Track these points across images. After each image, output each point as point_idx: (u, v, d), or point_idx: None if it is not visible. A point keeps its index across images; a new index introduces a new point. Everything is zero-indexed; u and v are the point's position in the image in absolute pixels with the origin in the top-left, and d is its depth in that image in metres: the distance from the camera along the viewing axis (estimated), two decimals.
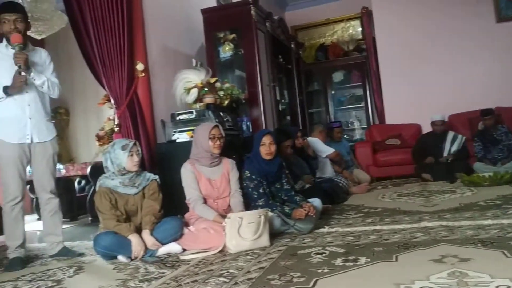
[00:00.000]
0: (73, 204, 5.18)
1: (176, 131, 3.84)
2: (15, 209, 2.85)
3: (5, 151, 2.83)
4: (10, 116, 2.84)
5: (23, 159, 2.88)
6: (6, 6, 2.85)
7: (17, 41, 2.75)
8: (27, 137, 2.88)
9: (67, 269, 2.65)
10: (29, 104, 2.88)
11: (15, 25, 2.80)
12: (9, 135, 2.83)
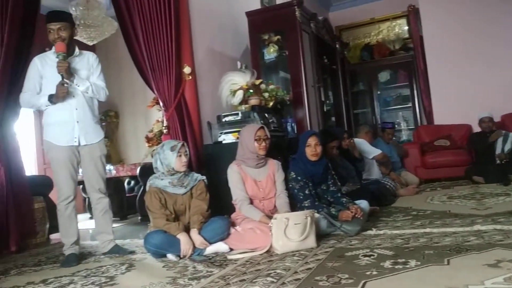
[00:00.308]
0: (123, 204, 5.36)
1: (222, 132, 3.90)
2: (68, 208, 2.99)
3: (56, 153, 2.96)
4: (59, 120, 2.97)
5: (73, 160, 3.01)
6: (50, 16, 2.97)
7: (60, 50, 2.86)
8: (75, 140, 2.99)
9: (119, 266, 2.75)
10: (76, 108, 2.99)
11: (59, 33, 2.91)
12: (58, 138, 2.96)
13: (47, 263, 3.06)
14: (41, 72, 2.96)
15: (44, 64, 2.97)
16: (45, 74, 2.95)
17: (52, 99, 2.90)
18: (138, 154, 6.88)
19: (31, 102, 2.99)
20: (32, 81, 2.97)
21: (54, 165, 2.98)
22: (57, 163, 2.96)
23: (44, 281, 2.51)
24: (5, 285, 2.51)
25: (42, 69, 2.96)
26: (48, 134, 2.98)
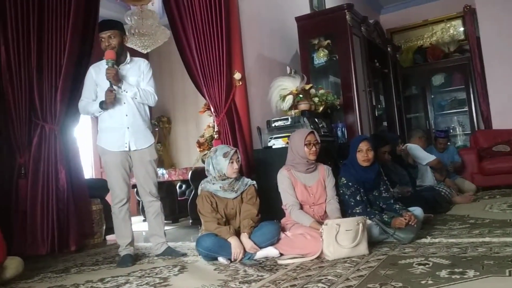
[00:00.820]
0: (175, 207, 5.48)
1: (272, 137, 3.92)
2: (122, 211, 3.10)
3: (109, 157, 3.08)
4: (111, 126, 3.09)
5: (125, 164, 3.11)
6: (101, 25, 3.12)
7: (109, 57, 2.97)
8: (125, 145, 3.09)
9: (172, 267, 2.81)
10: (126, 114, 3.09)
11: (109, 41, 3.03)
12: (110, 144, 3.08)
13: (104, 263, 3.19)
14: (96, 80, 3.10)
15: (98, 73, 3.10)
16: (99, 82, 3.09)
17: (102, 106, 3.03)
18: (189, 159, 7.03)
19: (86, 109, 3.14)
20: (88, 89, 3.12)
21: (107, 169, 3.11)
22: (110, 167, 3.08)
23: (101, 280, 2.62)
24: (66, 283, 2.64)
25: (96, 77, 3.10)
26: (101, 140, 3.11)
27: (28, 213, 3.46)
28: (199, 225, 4.18)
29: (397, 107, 6.50)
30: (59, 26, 3.69)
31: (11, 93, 3.51)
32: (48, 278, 2.84)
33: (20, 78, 3.54)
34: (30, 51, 3.60)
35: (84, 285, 2.54)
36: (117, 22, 3.18)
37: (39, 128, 3.61)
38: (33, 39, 3.60)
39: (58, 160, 3.62)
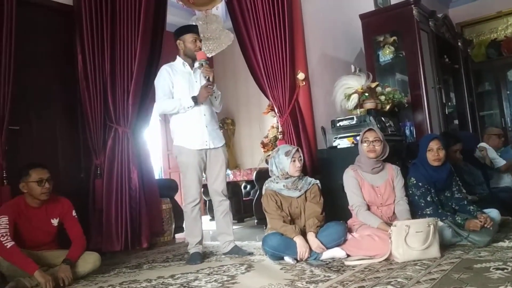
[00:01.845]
0: (240, 207, 5.56)
1: (337, 137, 3.87)
2: (194, 210, 3.20)
3: (187, 157, 3.18)
4: (192, 125, 3.19)
5: (201, 164, 3.21)
6: (192, 27, 3.33)
7: (203, 57, 3.15)
8: (206, 143, 3.19)
9: (239, 266, 2.86)
10: (204, 114, 3.21)
11: (196, 44, 3.19)
12: (192, 142, 3.18)
13: (174, 260, 3.30)
14: (172, 78, 3.21)
15: (174, 72, 3.23)
16: (174, 81, 3.21)
17: (195, 100, 3.13)
18: (253, 160, 7.11)
19: (171, 106, 3.17)
20: (167, 86, 3.21)
21: (184, 168, 3.20)
22: (187, 166, 3.18)
23: (172, 276, 2.72)
24: (139, 278, 2.77)
25: (172, 76, 3.21)
26: (180, 139, 3.21)
27: (104, 212, 3.67)
28: (264, 225, 4.22)
29: (469, 104, 6.17)
30: (130, 35, 3.88)
31: (87, 99, 3.74)
32: (123, 273, 2.99)
33: (95, 84, 3.77)
34: (104, 59, 3.82)
35: (156, 281, 2.64)
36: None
37: (113, 131, 3.82)
38: (107, 48, 3.82)
39: (130, 161, 3.81)
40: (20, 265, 2.63)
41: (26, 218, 2.87)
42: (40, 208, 2.93)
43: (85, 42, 3.74)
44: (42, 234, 2.94)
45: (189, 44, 3.23)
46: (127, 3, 3.88)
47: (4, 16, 3.20)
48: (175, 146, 3.25)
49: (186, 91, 3.18)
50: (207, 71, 3.12)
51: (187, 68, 3.27)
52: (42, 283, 2.56)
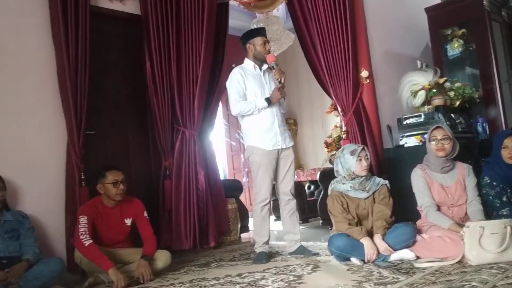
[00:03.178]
0: (305, 207, 5.55)
1: (404, 135, 3.76)
2: (263, 210, 3.24)
3: (259, 157, 3.23)
4: (266, 126, 3.24)
5: (273, 165, 3.25)
6: (261, 30, 3.41)
7: (273, 60, 3.22)
8: (278, 144, 3.24)
9: (305, 266, 2.86)
10: (277, 115, 3.27)
11: (266, 47, 3.28)
12: (265, 143, 3.23)
13: (240, 259, 3.37)
14: (244, 81, 3.28)
15: (245, 75, 3.30)
16: (246, 83, 3.28)
17: (268, 102, 3.19)
18: (316, 160, 7.08)
19: (247, 107, 3.21)
20: (241, 88, 3.26)
21: (256, 168, 3.25)
22: (259, 166, 3.23)
23: (239, 275, 2.77)
24: (207, 276, 2.85)
25: (245, 78, 3.28)
26: (254, 140, 3.26)
27: (173, 211, 3.81)
28: (329, 225, 4.19)
29: None
30: (194, 41, 4.01)
31: (156, 103, 3.90)
32: (192, 271, 3.09)
33: (163, 89, 3.92)
34: (170, 65, 3.97)
35: (224, 279, 2.71)
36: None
37: (180, 134, 3.95)
38: (173, 54, 3.97)
39: (197, 163, 3.93)
40: (97, 262, 2.80)
41: (102, 218, 3.05)
42: (115, 208, 3.11)
43: (153, 49, 3.90)
44: (117, 233, 3.12)
45: (259, 47, 3.28)
46: (191, 10, 4.01)
47: (80, 28, 3.42)
48: (248, 146, 3.31)
49: (258, 92, 3.25)
50: (279, 73, 3.18)
51: (257, 71, 3.34)
52: (115, 281, 2.71)
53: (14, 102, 3.23)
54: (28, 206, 3.12)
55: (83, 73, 3.41)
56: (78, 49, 3.39)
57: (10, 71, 3.24)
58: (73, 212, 3.21)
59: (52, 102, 3.38)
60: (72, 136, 3.33)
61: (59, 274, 2.77)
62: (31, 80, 3.33)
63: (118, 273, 2.75)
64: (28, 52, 3.34)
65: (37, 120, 3.33)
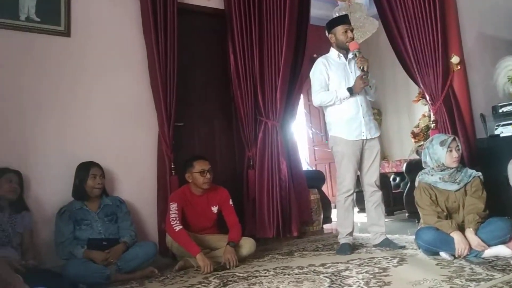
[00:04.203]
0: (390, 200, 5.40)
1: (499, 124, 3.51)
2: (347, 201, 3.22)
3: (343, 148, 3.20)
4: (349, 116, 3.20)
5: (357, 155, 3.20)
6: (343, 18, 3.36)
7: (356, 47, 3.15)
8: (362, 134, 3.19)
9: (390, 259, 2.80)
10: (361, 104, 3.21)
11: (351, 34, 3.23)
12: (349, 133, 3.19)
13: (323, 250, 3.37)
14: (328, 71, 3.26)
15: (329, 64, 3.28)
16: (330, 73, 3.26)
17: (350, 92, 3.15)
18: (402, 151, 6.83)
19: (328, 98, 3.21)
20: (323, 79, 3.26)
21: (339, 159, 3.24)
22: (342, 157, 3.21)
23: (323, 265, 2.78)
24: (291, 264, 2.89)
25: (328, 68, 3.26)
26: (337, 130, 3.24)
27: (256, 200, 3.90)
28: (416, 218, 4.05)
29: None
30: (276, 33, 4.05)
31: (239, 95, 4.00)
32: (276, 259, 3.15)
33: (246, 82, 4.01)
34: (253, 57, 4.04)
35: (307, 268, 2.73)
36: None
37: (263, 125, 4.02)
38: (255, 47, 4.03)
39: (279, 153, 3.98)
40: (186, 246, 2.96)
41: (191, 205, 3.21)
42: (202, 196, 3.25)
43: (236, 42, 4.00)
44: (205, 220, 3.27)
45: (340, 36, 3.24)
46: (272, 2, 4.05)
47: (168, 24, 3.60)
48: (331, 137, 3.30)
49: (342, 82, 3.22)
50: (361, 61, 3.10)
51: (342, 59, 3.29)
52: (202, 266, 2.85)
53: (111, 98, 3.50)
54: (124, 193, 3.37)
55: (172, 68, 3.59)
56: (167, 45, 3.58)
57: (108, 70, 3.51)
58: (164, 199, 3.42)
59: (144, 97, 3.60)
60: (163, 128, 3.53)
61: (153, 257, 2.98)
62: (125, 76, 3.58)
63: (205, 258, 2.89)
64: (122, 50, 3.59)
65: (131, 114, 3.57)
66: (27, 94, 3.16)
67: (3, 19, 3.10)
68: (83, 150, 3.25)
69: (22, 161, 3.03)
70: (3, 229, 2.72)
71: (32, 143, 3.13)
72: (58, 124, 3.25)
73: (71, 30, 3.37)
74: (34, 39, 3.22)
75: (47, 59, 3.26)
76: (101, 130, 3.41)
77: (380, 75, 6.97)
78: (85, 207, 3.01)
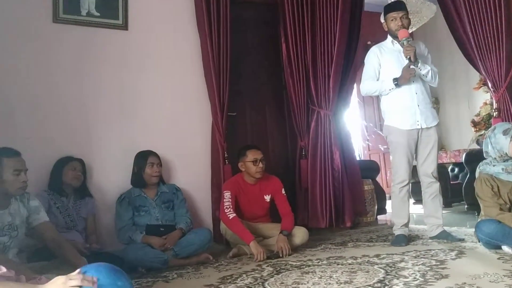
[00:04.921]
0: (447, 191, 5.21)
1: None
2: (402, 191, 3.14)
3: (397, 137, 3.13)
4: (403, 105, 3.12)
5: (412, 145, 3.12)
6: (393, 5, 3.20)
7: (404, 36, 3.03)
8: (417, 123, 3.10)
9: (448, 251, 2.71)
10: (416, 92, 3.10)
11: (401, 21, 3.09)
12: (403, 123, 3.11)
13: (377, 241, 3.32)
14: (380, 59, 3.20)
15: (382, 52, 3.20)
16: (382, 61, 3.19)
17: (397, 82, 3.07)
18: (460, 140, 6.56)
19: (373, 88, 3.19)
20: (372, 68, 3.21)
21: (393, 148, 3.17)
22: (397, 147, 3.14)
23: (377, 256, 2.74)
24: (344, 254, 2.87)
25: (380, 56, 3.20)
26: (391, 119, 3.17)
27: (309, 190, 3.89)
28: (476, 211, 3.90)
29: None
30: (329, 21, 4.00)
31: (291, 84, 3.99)
32: (329, 249, 3.14)
33: (298, 70, 3.99)
34: (305, 46, 4.01)
35: (361, 259, 2.70)
36: (405, 4, 3.23)
37: (315, 114, 4.00)
38: (308, 35, 4.00)
39: (332, 142, 3.95)
40: (239, 234, 3.02)
41: (244, 194, 3.26)
42: (255, 185, 3.29)
43: (288, 31, 3.98)
44: (257, 208, 3.30)
45: (390, 24, 3.15)
46: None
47: (221, 17, 3.65)
48: (386, 126, 3.23)
49: (395, 70, 3.12)
50: (407, 50, 2.99)
51: (396, 47, 3.19)
52: (255, 254, 2.89)
53: (167, 89, 3.60)
54: (179, 181, 3.48)
55: (225, 59, 3.64)
56: (220, 37, 3.63)
57: (164, 62, 3.61)
58: (218, 188, 3.50)
59: (198, 87, 3.68)
60: (216, 118, 3.59)
61: (208, 243, 3.06)
62: (180, 68, 3.67)
63: (259, 246, 2.92)
64: (177, 42, 3.69)
65: (186, 105, 3.66)
66: (87, 86, 3.32)
67: (66, 15, 3.27)
68: (141, 139, 3.38)
69: (85, 150, 3.20)
70: (69, 214, 2.89)
71: (94, 133, 3.29)
72: (117, 114, 3.39)
73: (129, 24, 3.49)
74: (94, 33, 3.37)
75: (107, 52, 3.41)
76: (158, 120, 3.52)
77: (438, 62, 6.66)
78: (143, 194, 3.13)
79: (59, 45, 3.24)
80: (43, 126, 3.13)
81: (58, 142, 3.14)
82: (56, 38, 3.24)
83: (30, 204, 2.25)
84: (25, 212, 2.23)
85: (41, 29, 3.19)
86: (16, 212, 2.19)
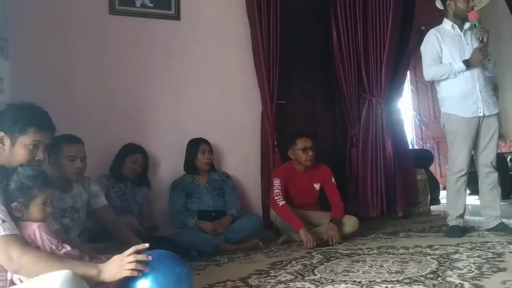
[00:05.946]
0: (506, 182, 4.99)
1: None
2: (459, 181, 3.02)
3: (456, 125, 3.00)
4: (464, 91, 2.99)
5: (472, 134, 2.99)
6: None
7: (476, 17, 2.91)
8: (479, 111, 2.97)
9: (506, 244, 2.60)
10: (478, 78, 2.97)
11: (469, 3, 2.99)
12: (464, 110, 2.99)
13: (430, 231, 3.24)
14: (441, 43, 3.07)
15: (443, 36, 3.08)
16: (443, 45, 3.06)
17: (467, 64, 2.94)
18: None
19: (441, 72, 3.03)
20: (435, 52, 3.07)
21: (452, 137, 3.05)
22: (456, 135, 3.02)
23: (430, 247, 2.67)
24: (396, 244, 2.82)
25: (441, 40, 3.07)
26: (451, 106, 3.05)
27: (359, 179, 3.85)
28: None
29: None
30: (381, 5, 3.93)
31: (342, 72, 3.95)
32: (380, 238, 3.10)
33: (349, 58, 3.94)
34: (357, 32, 3.95)
35: (413, 249, 2.64)
36: None
37: (367, 102, 3.94)
38: (359, 21, 3.93)
39: (384, 131, 3.88)
40: (289, 221, 3.04)
41: (293, 181, 3.27)
42: (304, 173, 3.29)
43: (339, 18, 3.92)
44: (307, 196, 3.31)
45: (460, 4, 3.01)
46: None
47: (271, 4, 3.65)
48: (444, 114, 3.11)
49: (456, 55, 3.00)
50: (481, 31, 2.86)
51: (456, 31, 3.07)
52: (304, 241, 2.91)
53: (218, 77, 3.66)
54: (230, 169, 3.54)
55: (275, 48, 3.65)
56: (270, 25, 3.64)
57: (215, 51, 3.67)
58: (267, 175, 3.53)
59: (249, 76, 3.71)
60: (266, 106, 3.61)
61: (257, 230, 3.11)
62: (231, 56, 3.72)
63: (308, 234, 2.93)
64: (228, 31, 3.73)
65: (237, 93, 3.71)
66: (142, 75, 3.42)
67: (121, 7, 3.39)
68: (193, 127, 3.46)
69: (142, 138, 3.30)
70: (126, 199, 3.02)
71: (149, 121, 3.41)
72: (170, 103, 3.49)
73: (181, 14, 3.57)
74: (147, 23, 3.47)
75: (160, 42, 3.50)
76: (209, 108, 3.59)
77: (497, 47, 6.37)
78: (196, 181, 3.22)
79: (115, 36, 3.37)
80: (102, 114, 3.26)
81: (115, 129, 3.26)
82: (112, 29, 3.36)
83: (91, 189, 2.38)
84: (85, 196, 2.35)
85: (98, 21, 3.33)
86: (77, 195, 2.32)
